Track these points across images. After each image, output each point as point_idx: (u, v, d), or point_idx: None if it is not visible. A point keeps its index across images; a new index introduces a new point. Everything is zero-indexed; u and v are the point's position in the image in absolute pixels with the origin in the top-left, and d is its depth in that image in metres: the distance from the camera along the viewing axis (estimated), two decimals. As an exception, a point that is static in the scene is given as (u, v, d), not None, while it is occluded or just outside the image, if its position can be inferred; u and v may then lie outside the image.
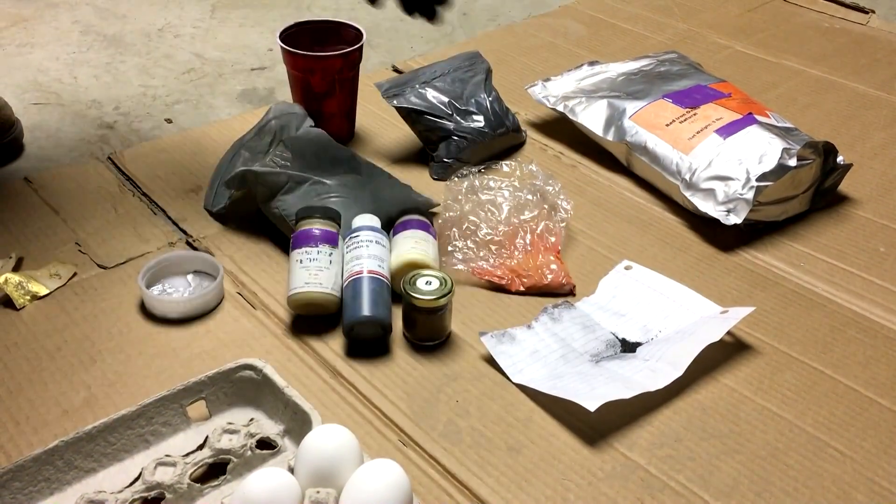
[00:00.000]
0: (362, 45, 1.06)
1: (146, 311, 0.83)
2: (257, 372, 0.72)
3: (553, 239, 0.91)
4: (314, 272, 0.81)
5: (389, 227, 0.90)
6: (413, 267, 0.83)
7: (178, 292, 0.85)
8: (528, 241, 0.90)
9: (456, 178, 0.96)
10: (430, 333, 0.81)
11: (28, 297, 0.84)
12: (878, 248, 0.96)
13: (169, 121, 1.20)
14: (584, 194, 1.03)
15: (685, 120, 1.02)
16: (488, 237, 0.90)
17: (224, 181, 0.94)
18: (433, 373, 0.78)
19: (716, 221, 0.94)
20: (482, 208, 0.92)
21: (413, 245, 0.85)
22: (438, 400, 0.76)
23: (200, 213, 0.97)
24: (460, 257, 0.89)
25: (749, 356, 0.81)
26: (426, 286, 0.79)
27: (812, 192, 1.00)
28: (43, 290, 0.85)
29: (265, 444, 0.69)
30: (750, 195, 0.92)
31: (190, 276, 0.87)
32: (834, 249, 0.95)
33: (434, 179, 1.05)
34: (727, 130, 0.99)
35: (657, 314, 0.84)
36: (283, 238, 0.91)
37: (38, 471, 0.64)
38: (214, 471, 0.67)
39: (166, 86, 1.30)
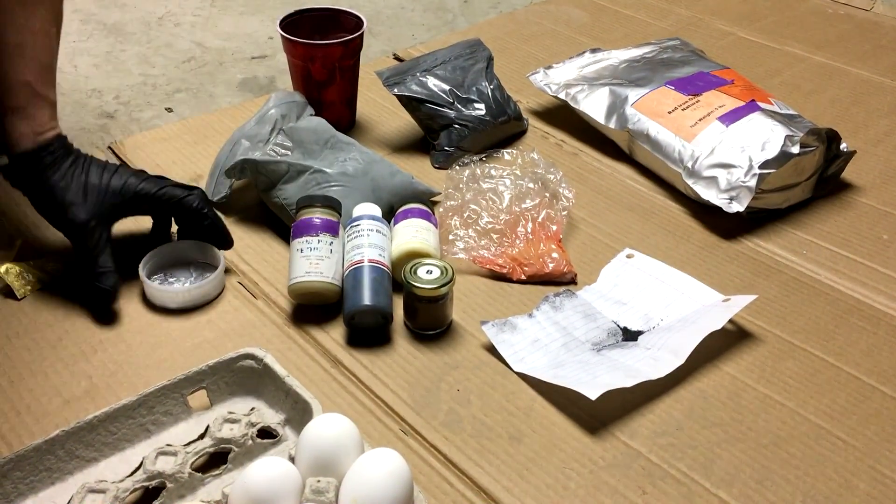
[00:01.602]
0: (363, 33, 1.06)
1: (147, 301, 0.83)
2: (258, 361, 0.72)
3: (554, 227, 0.90)
4: (315, 261, 0.81)
5: (390, 215, 0.90)
6: (414, 256, 0.83)
7: (178, 282, 0.85)
8: (529, 230, 0.90)
9: (457, 167, 0.96)
10: (431, 322, 0.81)
11: (29, 287, 0.84)
12: (881, 235, 0.96)
13: (169, 110, 1.20)
14: (585, 182, 1.03)
15: (687, 107, 1.02)
16: (489, 226, 0.90)
17: (224, 170, 0.94)
18: (434, 362, 0.78)
19: (718, 209, 0.94)
20: (483, 197, 0.92)
21: (414, 234, 0.85)
22: (439, 389, 0.76)
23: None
24: (461, 246, 0.89)
25: (751, 344, 0.81)
26: (427, 275, 0.79)
27: (815, 179, 0.99)
28: (44, 280, 0.85)
29: (266, 434, 0.69)
30: (752, 183, 0.92)
31: (191, 267, 0.87)
32: (837, 237, 0.95)
33: (435, 168, 1.04)
34: (730, 118, 0.99)
35: (659, 302, 0.84)
36: (283, 227, 0.91)
37: (40, 460, 0.65)
38: (215, 460, 0.67)
39: (166, 74, 1.29)
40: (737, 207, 0.92)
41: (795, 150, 0.93)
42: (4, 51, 0.77)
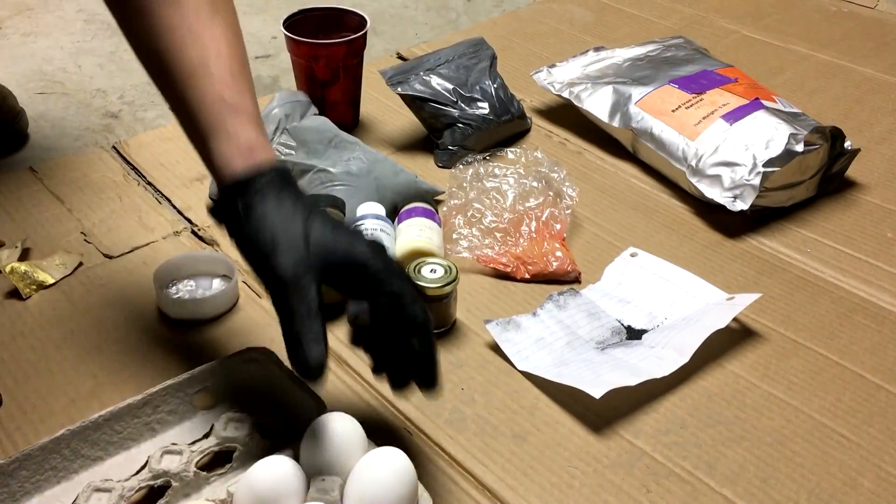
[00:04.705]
0: (366, 33, 1.06)
1: (151, 300, 0.83)
2: (263, 360, 0.72)
3: (558, 226, 0.90)
4: (319, 260, 0.81)
5: (394, 214, 0.90)
6: (418, 255, 0.83)
7: (191, 292, 0.84)
8: (533, 229, 0.90)
9: (461, 166, 0.96)
10: (436, 321, 0.80)
11: (34, 287, 0.84)
12: (885, 233, 0.96)
13: (173, 109, 1.20)
14: (589, 181, 1.03)
15: (691, 105, 1.02)
16: (493, 224, 0.90)
17: (228, 170, 0.94)
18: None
19: (722, 208, 0.94)
20: (487, 195, 0.92)
21: (418, 233, 0.85)
22: (444, 387, 0.75)
23: (205, 202, 0.97)
24: (465, 245, 0.89)
25: (755, 343, 0.81)
26: (431, 274, 0.79)
27: (819, 177, 0.99)
28: (49, 280, 0.85)
29: (270, 433, 0.69)
30: (756, 181, 0.92)
31: (201, 278, 0.86)
32: (841, 235, 0.95)
33: (439, 167, 1.04)
34: (734, 116, 0.99)
35: (663, 301, 0.84)
36: (287, 226, 0.91)
37: (45, 459, 0.65)
38: (220, 459, 0.67)
39: (171, 74, 1.29)
40: (741, 206, 0.92)
41: (799, 148, 0.93)
42: (190, 71, 0.64)
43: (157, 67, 0.66)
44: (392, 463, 0.60)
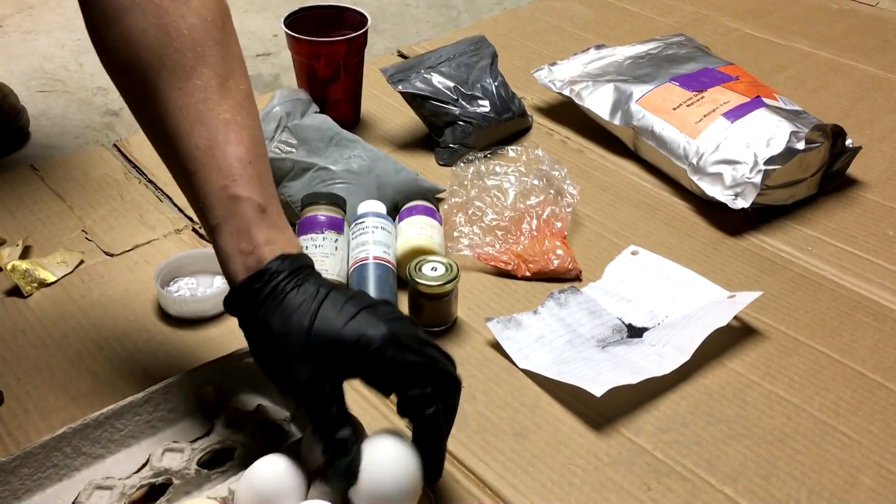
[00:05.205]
0: (367, 31, 1.06)
1: (152, 298, 0.83)
2: (263, 358, 0.72)
3: (559, 224, 0.90)
4: (320, 258, 0.81)
5: (395, 212, 0.90)
6: (419, 253, 0.83)
7: (192, 290, 0.84)
8: (534, 227, 0.90)
9: (462, 164, 0.96)
10: (436, 319, 0.81)
11: (35, 285, 0.84)
12: (886, 231, 0.95)
13: (174, 107, 1.20)
14: (590, 179, 1.03)
15: (692, 103, 1.02)
16: (494, 222, 0.90)
17: (229, 168, 0.94)
18: (439, 358, 0.78)
19: (723, 206, 0.94)
20: (488, 194, 0.92)
21: (419, 231, 0.85)
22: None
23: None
24: (466, 243, 0.89)
25: (756, 341, 0.81)
26: (432, 272, 0.79)
27: (820, 175, 0.99)
28: (50, 278, 0.85)
29: (272, 430, 0.69)
30: (758, 179, 0.92)
31: (202, 276, 0.86)
32: (842, 233, 0.95)
33: (440, 165, 1.04)
34: (735, 114, 0.99)
35: (664, 299, 0.84)
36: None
37: (47, 457, 0.65)
38: (221, 457, 0.67)
39: (171, 72, 1.29)
40: (742, 204, 0.92)
41: (800, 146, 0.93)
42: (195, 159, 0.61)
43: (166, 153, 0.64)
44: (395, 447, 0.59)
